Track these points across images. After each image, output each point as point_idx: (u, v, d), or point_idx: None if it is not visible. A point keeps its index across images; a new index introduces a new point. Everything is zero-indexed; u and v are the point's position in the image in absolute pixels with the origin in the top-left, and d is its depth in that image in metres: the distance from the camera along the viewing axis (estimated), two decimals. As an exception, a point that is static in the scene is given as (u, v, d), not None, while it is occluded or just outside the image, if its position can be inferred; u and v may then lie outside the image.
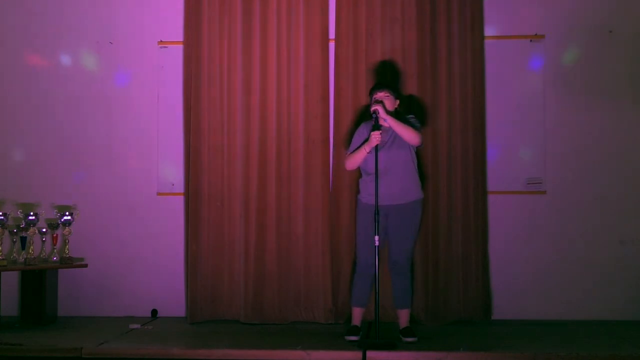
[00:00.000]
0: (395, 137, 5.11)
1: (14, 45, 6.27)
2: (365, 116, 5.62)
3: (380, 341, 4.82)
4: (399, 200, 5.12)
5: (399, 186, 5.12)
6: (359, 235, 5.24)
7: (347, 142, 5.59)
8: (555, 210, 5.99)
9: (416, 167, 5.22)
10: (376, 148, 4.98)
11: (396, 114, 5.13)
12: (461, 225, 5.85)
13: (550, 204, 5.99)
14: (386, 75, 5.84)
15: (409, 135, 5.07)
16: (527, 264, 5.96)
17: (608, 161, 5.99)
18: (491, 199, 5.96)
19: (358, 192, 5.33)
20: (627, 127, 6.00)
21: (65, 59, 6.25)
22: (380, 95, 5.14)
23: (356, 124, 5.57)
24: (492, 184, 5.98)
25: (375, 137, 4.98)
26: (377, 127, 5.02)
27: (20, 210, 5.86)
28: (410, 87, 5.88)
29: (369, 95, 5.25)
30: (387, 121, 5.04)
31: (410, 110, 5.62)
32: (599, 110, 6.02)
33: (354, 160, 5.19)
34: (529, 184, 6.02)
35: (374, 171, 5.02)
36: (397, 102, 5.22)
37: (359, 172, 5.35)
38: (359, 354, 4.69)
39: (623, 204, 5.97)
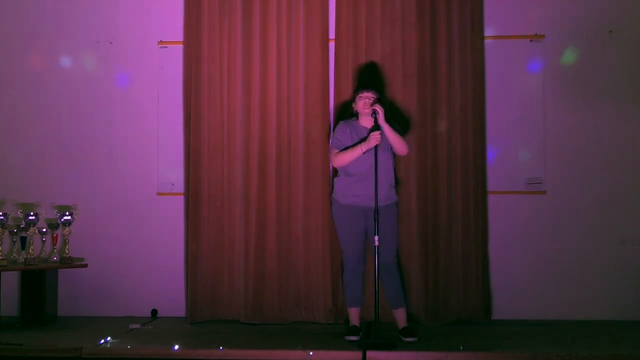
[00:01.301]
0: (381, 140, 5.08)
1: (14, 46, 6.27)
2: (345, 113, 5.62)
3: (380, 341, 4.82)
4: (383, 201, 5.10)
5: (383, 188, 5.10)
6: (342, 237, 5.24)
7: (329, 139, 5.59)
8: (555, 210, 5.99)
9: (394, 170, 5.24)
10: (375, 149, 4.96)
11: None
12: (461, 225, 5.85)
13: (550, 204, 5.99)
14: (372, 77, 5.83)
15: (399, 144, 5.08)
16: (527, 264, 5.96)
17: (608, 161, 5.99)
18: (491, 199, 5.96)
19: (332, 191, 5.30)
20: (627, 127, 6.00)
21: (66, 59, 6.25)
22: (368, 94, 5.13)
23: (337, 121, 5.57)
24: (492, 184, 5.97)
25: (375, 137, 4.97)
26: (377, 127, 5.01)
27: (20, 210, 5.87)
28: (410, 87, 5.88)
29: (354, 92, 5.24)
30: (384, 129, 5.03)
31: (392, 115, 5.60)
32: (599, 110, 6.02)
33: (346, 159, 5.14)
34: (529, 184, 6.02)
35: (357, 172, 5.02)
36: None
37: (335, 171, 5.34)
38: (359, 354, 4.69)
39: (623, 204, 5.97)
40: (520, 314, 5.92)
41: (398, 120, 5.47)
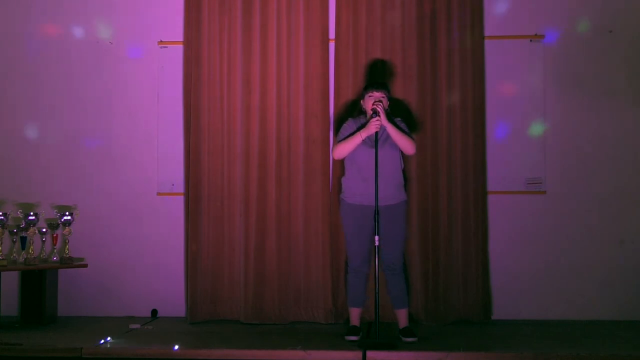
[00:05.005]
0: (387, 137, 5.08)
1: (13, 46, 6.27)
2: (353, 110, 5.61)
3: (380, 341, 4.82)
4: (390, 200, 5.09)
5: (390, 186, 5.09)
6: (347, 236, 5.21)
7: (335, 135, 5.59)
8: (555, 210, 5.99)
9: (402, 168, 5.22)
10: (376, 147, 4.94)
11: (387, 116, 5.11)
12: (461, 225, 5.85)
13: (550, 204, 5.99)
14: (381, 75, 5.83)
15: (405, 144, 5.06)
16: (527, 264, 5.96)
17: (608, 161, 5.99)
18: (491, 199, 5.96)
19: (341, 191, 5.30)
20: (627, 127, 6.00)
21: (65, 59, 6.25)
22: (378, 95, 5.10)
23: (343, 119, 5.56)
24: (492, 184, 5.98)
25: (375, 124, 4.92)
26: (376, 114, 4.97)
27: (20, 210, 5.86)
28: (410, 87, 5.88)
29: (364, 90, 5.22)
30: (387, 129, 5.01)
31: (398, 114, 5.58)
32: (599, 110, 6.02)
33: (346, 147, 5.08)
34: (529, 184, 6.02)
35: (363, 171, 5.01)
36: (388, 103, 5.19)
37: (342, 171, 5.33)
38: (359, 354, 4.69)
39: (623, 204, 5.97)
40: (520, 314, 5.92)
41: (406, 119, 5.42)
